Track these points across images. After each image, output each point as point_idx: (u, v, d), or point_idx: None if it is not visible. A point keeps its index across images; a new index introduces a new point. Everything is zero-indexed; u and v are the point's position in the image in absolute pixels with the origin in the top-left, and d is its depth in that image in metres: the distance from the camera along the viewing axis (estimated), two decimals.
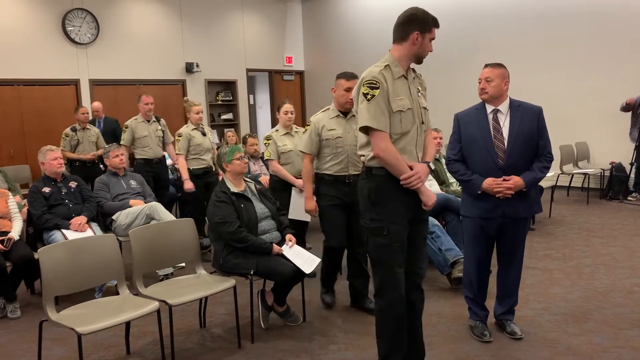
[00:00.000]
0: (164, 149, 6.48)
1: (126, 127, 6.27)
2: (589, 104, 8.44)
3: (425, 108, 2.80)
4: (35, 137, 8.60)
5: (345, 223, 3.93)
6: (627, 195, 7.84)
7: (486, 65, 3.33)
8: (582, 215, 6.95)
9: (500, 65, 3.30)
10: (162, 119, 6.57)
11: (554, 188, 7.27)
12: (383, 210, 2.66)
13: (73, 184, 4.79)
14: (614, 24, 8.08)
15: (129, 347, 3.55)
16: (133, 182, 5.28)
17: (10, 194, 4.73)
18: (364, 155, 2.75)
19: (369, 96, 2.59)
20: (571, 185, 8.46)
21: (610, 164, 8.08)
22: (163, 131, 6.48)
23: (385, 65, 2.66)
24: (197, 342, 3.66)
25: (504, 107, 3.29)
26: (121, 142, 6.18)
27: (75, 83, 9.16)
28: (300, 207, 4.48)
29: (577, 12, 8.39)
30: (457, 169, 3.36)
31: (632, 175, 7.87)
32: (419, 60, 2.73)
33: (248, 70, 11.63)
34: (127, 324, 3.49)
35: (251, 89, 12.31)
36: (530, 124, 3.26)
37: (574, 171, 8.00)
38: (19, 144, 8.65)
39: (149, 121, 6.35)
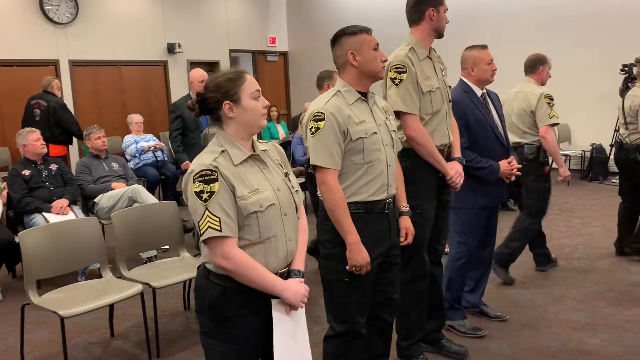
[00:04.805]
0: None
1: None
2: (570, 87, 8.49)
3: (449, 86, 2.87)
4: (13, 119, 8.39)
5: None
6: (607, 176, 7.95)
7: (486, 47, 3.19)
8: (563, 196, 7.04)
9: None
10: None
11: None
12: (418, 189, 2.70)
13: (54, 167, 4.73)
14: (597, 7, 8.11)
15: (113, 330, 3.55)
16: (115, 165, 5.23)
17: None
18: (401, 137, 2.69)
19: (396, 80, 2.62)
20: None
21: (590, 145, 8.18)
22: None
23: (410, 48, 2.69)
24: (182, 324, 3.67)
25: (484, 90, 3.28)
26: None
27: (55, 64, 8.98)
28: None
29: None
30: (471, 156, 3.08)
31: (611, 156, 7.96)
32: (440, 35, 2.76)
33: (231, 50, 11.49)
34: (111, 307, 3.49)
35: None
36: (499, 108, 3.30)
37: None
38: None
39: None
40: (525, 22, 8.80)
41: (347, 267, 2.24)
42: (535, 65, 4.09)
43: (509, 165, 3.15)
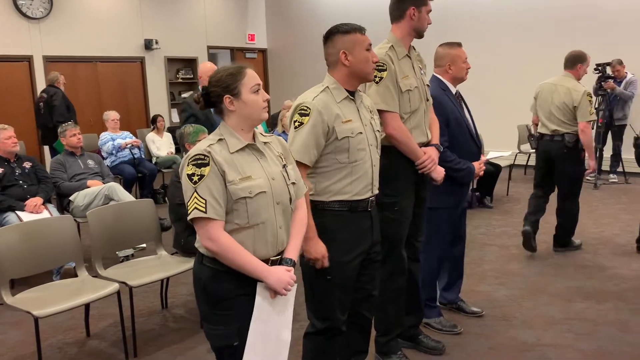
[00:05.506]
0: None
1: None
2: None
3: (428, 85, 2.87)
4: None
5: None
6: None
7: (461, 45, 3.18)
8: None
9: None
10: None
11: (511, 167, 7.45)
12: (396, 185, 2.71)
13: (27, 164, 4.65)
14: (572, 10, 8.26)
15: (89, 330, 3.50)
16: (91, 162, 5.16)
17: None
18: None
19: (377, 79, 2.61)
20: (528, 164, 8.66)
21: None
22: None
23: (390, 46, 2.68)
24: (159, 323, 3.64)
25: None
26: None
27: (29, 59, 8.82)
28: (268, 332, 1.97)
29: None
30: (451, 157, 3.04)
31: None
32: (419, 35, 2.76)
33: (209, 47, 11.40)
34: (87, 306, 3.44)
35: None
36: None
37: (531, 150, 8.19)
38: None
39: None
40: (504, 24, 8.92)
41: (305, 259, 2.27)
42: (575, 62, 4.50)
43: (479, 167, 3.18)
